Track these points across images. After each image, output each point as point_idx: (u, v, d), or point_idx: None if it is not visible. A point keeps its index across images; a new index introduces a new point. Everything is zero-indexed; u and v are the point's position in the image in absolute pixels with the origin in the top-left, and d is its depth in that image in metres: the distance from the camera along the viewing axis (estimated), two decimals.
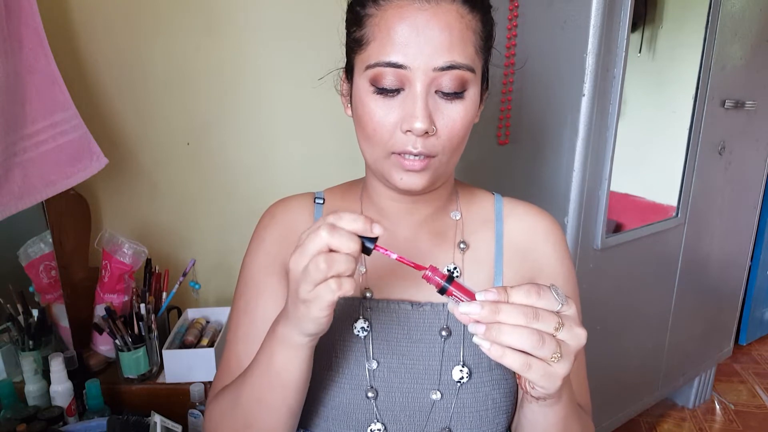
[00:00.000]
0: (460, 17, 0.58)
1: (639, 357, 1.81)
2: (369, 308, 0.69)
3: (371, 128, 0.61)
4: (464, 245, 0.72)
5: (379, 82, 0.59)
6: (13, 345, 1.23)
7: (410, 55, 0.57)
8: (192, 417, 1.17)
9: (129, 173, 1.45)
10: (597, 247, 1.44)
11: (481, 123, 0.67)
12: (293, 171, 1.55)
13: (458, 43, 0.58)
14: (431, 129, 0.59)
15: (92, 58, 1.36)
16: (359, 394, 0.66)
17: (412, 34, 0.57)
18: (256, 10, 1.42)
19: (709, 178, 1.78)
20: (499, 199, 0.77)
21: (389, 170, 0.63)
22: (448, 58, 0.58)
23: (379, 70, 0.59)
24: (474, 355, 0.68)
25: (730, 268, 2.08)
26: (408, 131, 0.59)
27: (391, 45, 0.58)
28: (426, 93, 0.59)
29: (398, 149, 0.61)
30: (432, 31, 0.57)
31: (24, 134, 1.08)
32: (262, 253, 0.72)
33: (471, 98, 0.61)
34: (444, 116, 0.60)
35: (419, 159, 0.61)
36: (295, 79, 1.47)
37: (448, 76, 0.58)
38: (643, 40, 1.53)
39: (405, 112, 0.59)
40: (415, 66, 0.58)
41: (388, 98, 0.60)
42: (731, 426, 2.11)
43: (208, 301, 1.58)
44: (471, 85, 0.60)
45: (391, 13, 0.58)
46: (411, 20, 0.57)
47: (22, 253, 1.28)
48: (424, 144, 0.60)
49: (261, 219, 0.75)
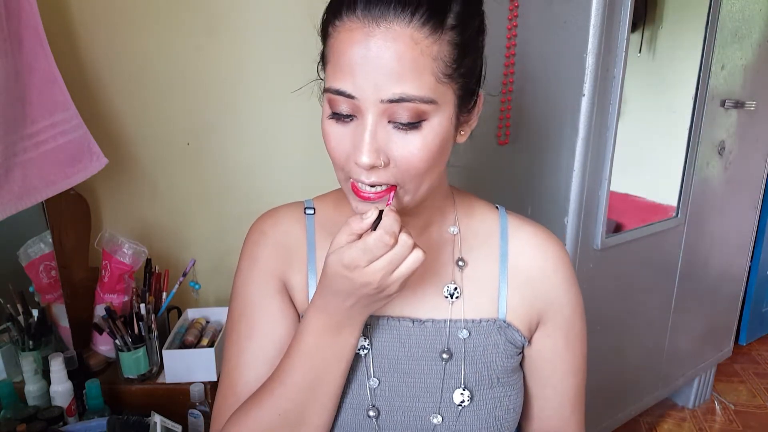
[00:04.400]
0: (414, 44, 0.52)
1: (639, 357, 1.81)
2: (369, 325, 0.67)
3: (329, 149, 0.59)
4: (462, 263, 0.69)
5: (334, 107, 0.56)
6: (13, 345, 1.23)
7: (358, 84, 0.53)
8: (192, 417, 1.17)
9: (129, 173, 1.45)
10: (597, 247, 1.44)
11: (481, 123, 0.65)
12: (293, 171, 1.55)
13: (410, 72, 0.52)
14: (379, 163, 0.55)
15: (92, 58, 1.36)
16: (360, 413, 0.65)
17: (360, 62, 0.52)
18: (256, 10, 1.42)
19: (709, 178, 1.78)
20: (504, 214, 0.73)
21: (348, 195, 0.61)
22: (397, 90, 0.52)
23: (330, 96, 0.56)
24: (475, 373, 0.67)
25: (730, 268, 2.08)
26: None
27: (341, 72, 0.54)
28: (376, 124, 0.54)
29: (353, 177, 0.58)
30: (381, 60, 0.52)
31: (24, 134, 1.08)
32: (258, 273, 0.69)
33: (432, 128, 0.55)
34: (399, 147, 0.55)
35: (376, 189, 0.57)
36: (296, 78, 1.46)
37: (400, 108, 0.53)
38: (643, 40, 1.53)
39: (354, 143, 0.56)
40: (364, 97, 0.53)
41: (342, 123, 0.57)
42: (731, 426, 2.11)
43: (208, 301, 1.58)
44: (432, 115, 0.55)
45: (343, 36, 0.54)
46: (360, 46, 0.52)
47: (22, 253, 1.28)
48: (378, 175, 0.56)
49: (250, 235, 0.72)
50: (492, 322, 0.68)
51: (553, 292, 0.70)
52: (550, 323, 0.71)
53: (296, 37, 1.46)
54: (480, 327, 0.67)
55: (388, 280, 0.55)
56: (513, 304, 0.69)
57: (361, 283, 0.55)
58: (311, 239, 0.71)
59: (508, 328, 0.68)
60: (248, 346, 0.68)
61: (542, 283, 0.70)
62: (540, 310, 0.70)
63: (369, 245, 0.54)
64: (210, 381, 1.23)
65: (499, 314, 0.69)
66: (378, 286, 0.55)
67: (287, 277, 0.69)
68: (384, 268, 0.54)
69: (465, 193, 0.74)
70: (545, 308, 0.70)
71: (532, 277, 0.70)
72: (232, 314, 0.71)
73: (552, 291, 0.70)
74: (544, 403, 0.74)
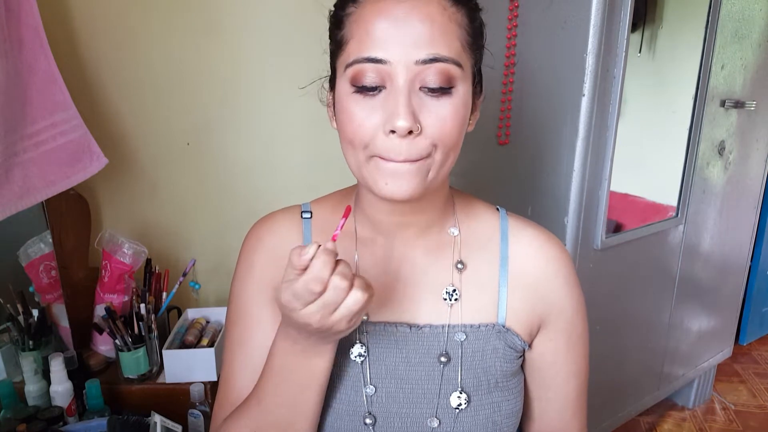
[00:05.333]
0: (443, 9, 0.55)
1: (639, 357, 1.81)
2: (365, 332, 0.67)
3: (351, 130, 0.57)
4: (461, 265, 0.68)
5: (359, 81, 0.55)
6: (13, 345, 1.23)
7: (390, 49, 0.54)
8: (192, 417, 1.17)
9: (129, 173, 1.45)
10: (597, 247, 1.44)
11: (481, 123, 0.65)
12: (294, 171, 1.55)
13: (441, 35, 0.54)
14: (416, 127, 0.54)
15: (92, 58, 1.36)
16: (357, 420, 0.65)
17: (391, 28, 0.54)
18: (256, 10, 1.42)
19: (709, 178, 1.78)
20: (504, 216, 0.72)
21: (372, 175, 0.58)
22: (431, 50, 0.54)
23: (358, 67, 0.55)
24: (473, 378, 0.66)
25: (730, 268, 2.08)
26: (392, 132, 0.55)
27: (370, 40, 0.54)
28: (409, 89, 0.54)
29: (381, 153, 0.56)
30: (412, 24, 0.54)
31: (24, 134, 1.08)
32: (252, 280, 0.69)
33: (460, 96, 0.56)
34: (431, 114, 0.55)
35: (407, 162, 0.56)
36: (296, 78, 1.46)
37: (432, 69, 0.54)
38: (643, 40, 1.53)
39: (387, 111, 0.55)
40: (396, 60, 0.54)
41: (368, 98, 0.56)
42: (731, 426, 2.11)
43: (208, 301, 1.58)
44: (459, 81, 0.56)
45: (369, 8, 0.55)
46: (389, 13, 0.54)
47: (22, 253, 1.28)
48: (409, 149, 0.55)
49: (247, 241, 0.72)
50: (491, 327, 0.67)
51: (555, 295, 0.70)
52: (552, 327, 0.70)
53: (296, 37, 1.46)
54: (479, 331, 0.67)
55: (328, 322, 0.53)
56: (513, 308, 0.68)
57: (301, 323, 0.54)
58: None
59: (508, 332, 0.67)
60: (240, 353, 0.69)
61: (543, 286, 0.69)
62: (541, 314, 0.70)
63: (297, 291, 0.51)
64: (210, 381, 1.23)
65: (499, 318, 0.68)
66: (319, 327, 0.53)
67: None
68: (319, 311, 0.52)
69: (465, 194, 0.74)
70: (546, 312, 0.70)
71: (533, 281, 0.69)
72: (228, 318, 0.72)
73: (553, 294, 0.70)
74: (546, 405, 0.74)
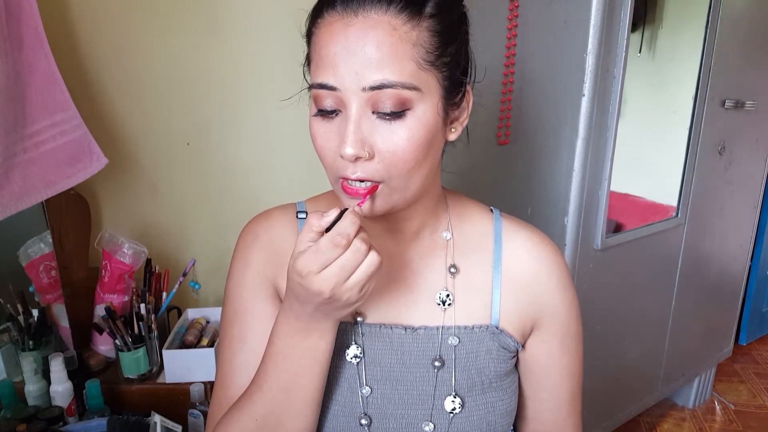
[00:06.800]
0: (392, 30, 0.52)
1: (639, 357, 1.81)
2: (362, 333, 0.67)
3: (317, 152, 0.59)
4: (455, 269, 0.68)
5: (319, 104, 0.57)
6: (13, 345, 1.23)
7: (339, 75, 0.54)
8: (192, 417, 1.17)
9: (129, 173, 1.45)
10: (597, 247, 1.45)
11: (481, 123, 0.65)
12: (294, 171, 1.55)
13: (391, 58, 0.52)
14: (363, 153, 0.54)
15: (92, 58, 1.36)
16: (353, 421, 0.65)
17: (341, 53, 0.53)
18: (256, 10, 1.42)
19: (709, 178, 1.78)
20: (498, 217, 0.72)
21: (340, 195, 0.60)
22: (378, 76, 0.53)
23: (315, 92, 0.56)
24: (467, 379, 0.66)
25: (730, 268, 2.08)
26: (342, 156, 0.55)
27: (323, 66, 0.55)
28: (360, 115, 0.54)
29: (341, 174, 0.57)
30: (362, 48, 0.52)
31: (24, 134, 1.08)
32: (250, 277, 0.69)
33: (417, 117, 0.55)
34: (383, 139, 0.55)
35: (364, 185, 0.57)
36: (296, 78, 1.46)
37: (382, 95, 0.53)
38: (643, 40, 1.53)
39: (340, 136, 0.55)
40: (345, 87, 0.54)
41: (328, 120, 0.57)
42: (731, 426, 2.11)
43: (208, 301, 1.58)
44: (416, 103, 0.55)
45: (323, 31, 0.55)
46: (339, 37, 0.53)
47: (22, 253, 1.28)
48: (363, 169, 0.56)
49: (242, 238, 0.72)
50: (485, 329, 0.67)
51: (548, 296, 0.70)
52: (545, 328, 0.71)
53: (296, 37, 1.46)
54: (472, 333, 0.67)
55: (342, 289, 0.53)
56: (506, 310, 0.68)
57: (313, 291, 0.53)
58: None
59: (501, 334, 0.68)
60: (241, 350, 0.68)
61: (536, 287, 0.69)
62: (534, 315, 0.70)
63: (320, 247, 0.52)
64: (210, 381, 1.23)
65: (492, 320, 0.68)
66: (331, 296, 0.53)
67: (278, 281, 0.69)
68: (336, 275, 0.52)
69: (458, 195, 0.73)
70: (540, 313, 0.70)
71: (526, 282, 0.69)
72: (225, 318, 0.71)
73: (546, 295, 0.70)
74: (540, 405, 0.74)
